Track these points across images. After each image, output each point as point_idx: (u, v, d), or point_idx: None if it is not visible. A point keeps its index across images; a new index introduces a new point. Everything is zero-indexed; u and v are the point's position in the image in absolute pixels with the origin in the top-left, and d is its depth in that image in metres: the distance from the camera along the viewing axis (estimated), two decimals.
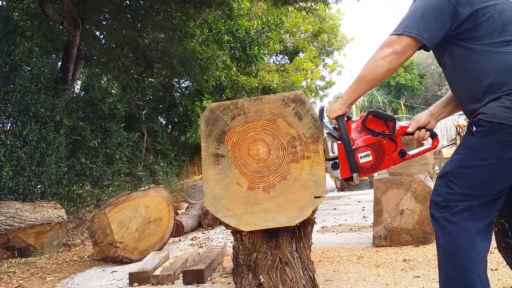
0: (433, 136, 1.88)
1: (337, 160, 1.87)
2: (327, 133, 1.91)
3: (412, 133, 1.86)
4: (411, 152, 1.92)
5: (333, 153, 1.88)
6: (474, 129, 1.54)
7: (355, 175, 1.84)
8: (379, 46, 1.65)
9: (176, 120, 13.81)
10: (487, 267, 2.82)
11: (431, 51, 1.73)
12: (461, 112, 1.98)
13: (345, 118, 1.86)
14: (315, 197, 2.01)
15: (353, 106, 31.53)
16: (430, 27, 1.59)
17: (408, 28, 1.60)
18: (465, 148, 1.59)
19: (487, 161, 1.52)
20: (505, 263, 2.88)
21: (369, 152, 1.85)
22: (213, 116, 2.05)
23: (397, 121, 1.90)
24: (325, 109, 1.93)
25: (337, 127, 1.86)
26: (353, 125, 1.88)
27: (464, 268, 1.53)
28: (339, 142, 1.85)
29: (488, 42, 1.56)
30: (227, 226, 2.28)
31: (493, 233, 1.75)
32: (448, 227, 1.55)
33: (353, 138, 1.85)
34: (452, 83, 1.73)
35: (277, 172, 2.01)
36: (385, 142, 1.86)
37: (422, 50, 1.69)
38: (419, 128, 1.85)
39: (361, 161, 1.85)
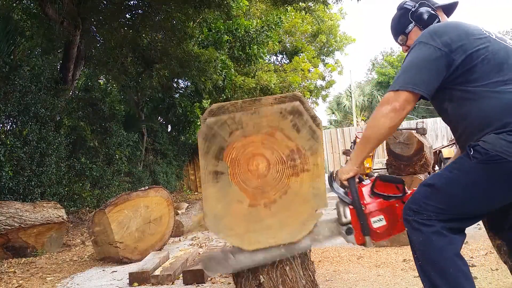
0: None
1: (351, 225, 1.82)
2: (338, 198, 1.86)
3: None
4: None
5: (345, 218, 1.82)
6: (472, 152, 1.54)
7: (367, 238, 1.79)
8: (379, 103, 1.67)
9: (175, 120, 13.82)
10: (488, 267, 2.83)
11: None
12: None
13: (357, 180, 1.83)
14: (316, 211, 1.96)
15: (353, 106, 31.18)
16: (425, 78, 1.62)
17: (404, 83, 1.62)
18: (457, 169, 1.61)
19: (475, 188, 1.54)
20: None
21: (382, 217, 1.80)
22: (211, 132, 1.98)
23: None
24: (334, 173, 1.90)
25: (348, 190, 1.82)
26: (364, 189, 1.84)
27: (443, 266, 1.55)
28: (351, 206, 1.80)
29: (485, 83, 1.58)
30: None
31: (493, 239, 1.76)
32: (421, 228, 1.59)
33: (365, 202, 1.80)
34: (454, 129, 1.74)
35: (277, 187, 1.96)
36: (397, 205, 1.81)
37: None
38: None
39: (375, 225, 1.80)
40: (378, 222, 1.79)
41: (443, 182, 1.62)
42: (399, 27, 1.94)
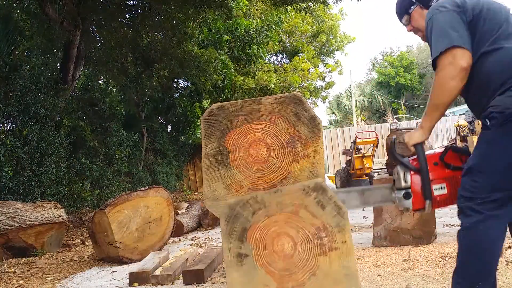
0: None
1: (409, 190, 1.84)
2: (399, 163, 1.89)
3: None
4: None
5: (405, 182, 1.84)
6: (488, 123, 1.59)
7: (428, 202, 1.80)
8: (438, 69, 1.67)
9: (175, 120, 13.82)
10: None
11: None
12: (461, 112, 1.99)
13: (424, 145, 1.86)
14: None
15: (353, 106, 31.09)
16: (463, 34, 1.65)
17: (453, 41, 1.63)
18: (483, 142, 1.64)
19: (505, 150, 1.57)
20: (505, 263, 2.88)
21: (444, 185, 1.82)
22: (233, 213, 1.92)
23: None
24: (396, 140, 1.92)
25: (408, 158, 1.86)
26: (427, 157, 1.86)
27: (483, 255, 1.58)
28: (412, 172, 1.83)
29: (486, 43, 1.64)
30: None
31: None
32: (472, 215, 1.61)
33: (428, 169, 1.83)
34: (465, 94, 1.77)
35: (305, 268, 1.88)
36: (460, 177, 1.82)
37: (423, 49, 1.73)
38: None
39: (436, 192, 1.82)
40: (439, 189, 1.82)
41: (478, 160, 1.65)
42: (403, 8, 2.03)
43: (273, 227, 1.89)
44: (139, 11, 9.61)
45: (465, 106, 17.68)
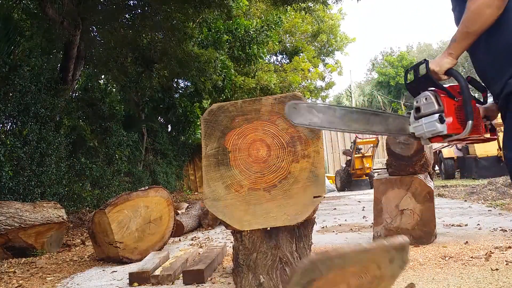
0: (492, 129, 1.85)
1: (443, 114, 1.75)
2: (434, 84, 1.80)
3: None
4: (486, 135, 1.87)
5: (439, 106, 1.76)
6: None
7: (470, 122, 1.70)
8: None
9: (175, 120, 13.84)
10: (488, 267, 2.82)
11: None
12: None
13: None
14: None
15: (353, 104, 31.28)
16: None
17: None
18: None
19: None
20: (505, 263, 2.88)
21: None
22: (312, 267, 1.94)
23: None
24: (428, 61, 1.84)
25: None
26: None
27: None
28: (443, 95, 1.75)
29: None
30: (227, 226, 2.28)
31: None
32: None
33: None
34: (478, 56, 1.70)
35: None
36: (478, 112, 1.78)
37: (423, 49, 1.68)
38: (486, 117, 1.82)
39: None
40: None
41: None
42: None
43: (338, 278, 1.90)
44: (139, 11, 9.62)
45: None
